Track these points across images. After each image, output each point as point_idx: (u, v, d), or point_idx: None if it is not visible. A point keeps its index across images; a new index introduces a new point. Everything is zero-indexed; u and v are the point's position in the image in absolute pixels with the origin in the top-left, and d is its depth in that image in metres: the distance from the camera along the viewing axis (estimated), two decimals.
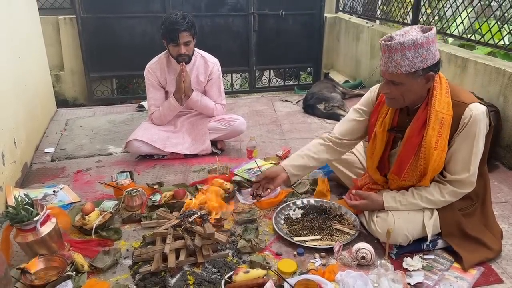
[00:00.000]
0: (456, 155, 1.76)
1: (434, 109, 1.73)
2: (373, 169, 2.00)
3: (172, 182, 2.62)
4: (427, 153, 1.75)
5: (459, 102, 1.73)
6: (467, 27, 3.44)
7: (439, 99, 1.73)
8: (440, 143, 1.73)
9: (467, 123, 1.71)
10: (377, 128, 1.93)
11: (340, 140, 2.10)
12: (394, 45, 1.61)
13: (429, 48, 1.62)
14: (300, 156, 2.11)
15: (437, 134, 1.73)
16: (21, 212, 1.74)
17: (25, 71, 3.16)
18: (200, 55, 2.98)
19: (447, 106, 1.73)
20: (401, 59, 1.62)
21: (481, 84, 2.96)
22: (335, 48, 5.91)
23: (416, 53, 1.61)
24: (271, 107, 4.21)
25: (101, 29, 4.68)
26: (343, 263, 1.84)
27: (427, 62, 1.64)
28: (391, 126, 1.90)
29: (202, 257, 1.83)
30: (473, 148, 1.73)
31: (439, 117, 1.72)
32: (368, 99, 2.04)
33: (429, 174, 1.79)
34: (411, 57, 1.61)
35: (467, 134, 1.72)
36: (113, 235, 2.05)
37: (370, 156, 2.00)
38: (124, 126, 3.64)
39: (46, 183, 2.66)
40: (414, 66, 1.63)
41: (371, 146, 1.98)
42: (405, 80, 1.68)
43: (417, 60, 1.62)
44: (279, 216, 2.18)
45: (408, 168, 1.83)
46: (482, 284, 1.73)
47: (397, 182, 1.91)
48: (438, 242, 1.91)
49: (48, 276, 1.73)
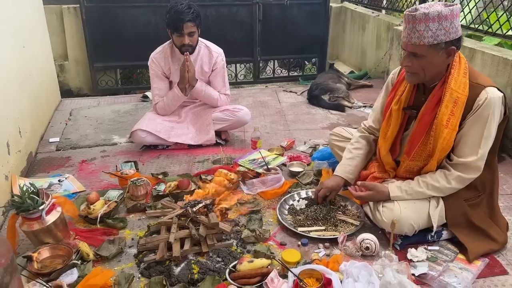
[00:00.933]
0: (466, 137, 1.75)
1: (449, 87, 1.72)
2: (385, 150, 1.98)
3: (176, 172, 2.62)
4: (437, 130, 1.75)
5: (476, 84, 1.72)
6: (474, 17, 3.38)
7: (456, 78, 1.72)
8: (451, 122, 1.73)
9: (481, 105, 1.69)
10: (392, 105, 1.93)
11: (375, 130, 2.14)
12: (419, 16, 1.61)
13: (453, 22, 1.62)
14: (351, 159, 2.12)
15: (449, 113, 1.72)
16: (27, 201, 1.75)
17: (30, 60, 3.16)
18: (205, 45, 2.96)
19: (463, 86, 1.72)
20: (425, 30, 1.62)
21: (488, 74, 2.93)
22: (340, 38, 5.86)
23: (440, 25, 1.61)
24: (276, 98, 4.19)
25: (105, 19, 4.66)
26: (347, 254, 1.84)
27: (450, 36, 1.63)
28: (406, 105, 1.90)
29: (207, 247, 1.83)
30: (484, 131, 1.72)
31: (453, 95, 1.72)
32: (388, 82, 2.06)
33: (437, 153, 1.78)
34: (434, 28, 1.61)
35: (480, 116, 1.71)
36: (118, 224, 2.05)
37: (383, 137, 1.99)
38: (129, 116, 3.64)
39: (51, 172, 2.67)
40: (436, 38, 1.63)
41: (385, 126, 1.97)
42: (427, 52, 1.67)
43: (440, 33, 1.62)
44: (283, 207, 2.18)
45: (418, 146, 1.82)
46: (487, 276, 1.73)
47: (406, 163, 1.90)
48: (443, 233, 1.91)
49: (53, 264, 1.74)
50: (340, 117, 3.65)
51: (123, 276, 1.69)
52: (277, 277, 1.62)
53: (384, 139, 1.99)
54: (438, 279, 1.68)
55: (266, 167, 2.50)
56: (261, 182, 2.35)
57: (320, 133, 3.28)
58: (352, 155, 2.12)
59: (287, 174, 2.57)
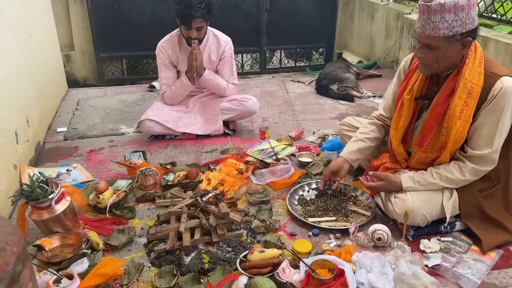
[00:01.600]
0: (481, 129, 1.71)
1: (463, 78, 1.67)
2: (397, 141, 1.95)
3: (184, 162, 2.60)
4: (450, 122, 1.71)
5: (492, 74, 1.67)
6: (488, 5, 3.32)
7: (471, 68, 1.68)
8: (464, 113, 1.68)
9: (496, 95, 1.65)
10: (404, 95, 1.88)
11: (386, 118, 2.10)
12: (434, 6, 1.56)
13: (470, 12, 1.56)
14: (355, 141, 2.09)
15: (463, 104, 1.68)
16: (36, 190, 1.74)
17: (36, 50, 3.14)
18: (213, 33, 2.92)
19: (478, 76, 1.67)
20: (440, 21, 1.56)
21: (502, 63, 2.86)
22: (348, 28, 5.79)
23: (456, 16, 1.55)
24: (283, 88, 4.15)
25: (111, 8, 4.61)
26: (359, 244, 1.82)
27: (466, 27, 1.58)
28: (419, 94, 1.86)
29: (217, 236, 1.82)
30: (499, 122, 1.67)
31: (467, 86, 1.67)
32: (400, 69, 2.01)
33: (450, 145, 1.74)
34: (450, 20, 1.56)
35: (495, 107, 1.67)
36: (127, 214, 2.05)
37: (395, 127, 1.95)
38: (136, 106, 3.62)
39: (59, 162, 2.66)
40: (452, 30, 1.57)
41: (397, 116, 1.94)
42: (442, 44, 1.62)
43: (456, 24, 1.56)
44: (293, 197, 2.16)
45: (431, 138, 1.79)
46: (502, 267, 1.70)
47: (418, 155, 1.86)
48: (456, 224, 1.88)
49: (64, 253, 1.74)
50: (349, 107, 3.60)
51: (133, 265, 1.69)
52: (288, 267, 1.60)
53: (395, 130, 1.95)
54: (451, 270, 1.66)
55: (275, 157, 2.48)
56: (271, 172, 2.33)
57: (329, 123, 3.24)
58: (356, 139, 2.10)
59: (296, 164, 2.55)
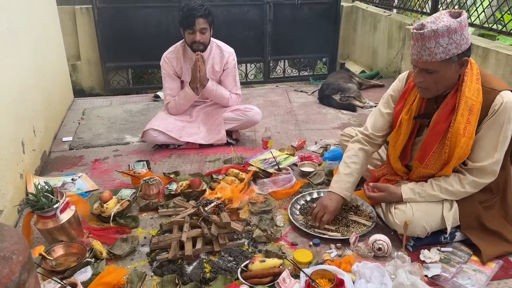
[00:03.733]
0: (481, 141, 1.73)
1: (464, 95, 1.69)
2: (395, 158, 1.96)
3: (187, 172, 2.63)
4: (454, 140, 1.72)
5: (490, 89, 1.69)
6: (488, 16, 3.34)
7: (469, 85, 1.69)
8: (468, 130, 1.70)
9: (497, 110, 1.67)
10: (403, 115, 1.88)
11: (375, 138, 2.04)
12: (427, 33, 1.58)
13: (462, 33, 1.59)
14: (349, 175, 1.99)
15: (465, 121, 1.69)
16: (42, 200, 1.78)
17: (44, 60, 3.20)
18: (216, 44, 2.97)
19: (477, 93, 1.69)
20: (435, 46, 1.59)
21: (503, 74, 2.89)
22: (351, 38, 5.83)
23: (450, 39, 1.57)
24: (286, 98, 4.18)
25: (117, 19, 4.70)
26: (360, 254, 1.83)
27: (461, 48, 1.60)
28: (417, 113, 1.87)
29: (219, 246, 1.84)
30: (500, 136, 1.69)
31: (468, 103, 1.69)
32: (397, 87, 2.00)
33: (454, 161, 1.75)
34: (445, 43, 1.58)
35: (496, 121, 1.68)
36: (130, 223, 2.07)
37: (393, 145, 1.96)
38: (141, 116, 3.67)
39: (64, 171, 2.70)
40: (448, 53, 1.59)
41: (395, 135, 1.94)
42: (440, 67, 1.64)
43: (452, 46, 1.58)
44: (295, 207, 2.18)
45: (431, 155, 1.79)
46: (501, 278, 1.71)
47: (419, 170, 1.87)
48: (456, 235, 1.89)
49: (68, 262, 1.77)
50: (351, 117, 3.63)
51: (135, 274, 1.71)
52: (289, 277, 1.62)
53: (393, 147, 1.96)
54: (451, 280, 1.67)
55: (277, 167, 2.51)
56: (273, 182, 2.35)
57: (331, 133, 3.27)
58: (350, 170, 2.00)
59: (298, 174, 2.57)
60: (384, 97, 2.06)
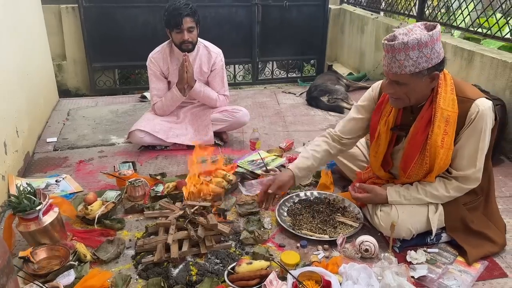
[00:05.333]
0: (462, 151, 1.74)
1: (439, 107, 1.69)
2: (377, 167, 1.98)
3: (174, 173, 2.61)
4: (433, 151, 1.73)
5: (465, 98, 1.70)
6: (473, 19, 3.39)
7: (444, 97, 1.69)
8: (446, 141, 1.71)
9: (473, 119, 1.68)
10: (380, 127, 1.89)
11: (341, 139, 2.06)
12: (398, 45, 1.56)
13: (434, 47, 1.57)
14: (306, 158, 2.03)
15: (442, 132, 1.70)
16: (24, 201, 1.73)
17: (28, 60, 3.14)
18: (203, 45, 2.95)
19: (452, 104, 1.69)
20: (405, 59, 1.57)
21: (487, 77, 2.93)
22: (339, 40, 5.86)
23: (421, 53, 1.55)
24: (274, 99, 4.18)
25: (103, 19, 4.64)
26: (347, 256, 1.83)
27: (432, 62, 1.59)
28: (394, 124, 1.87)
29: (205, 248, 1.82)
30: (479, 144, 1.70)
31: (444, 115, 1.69)
32: (370, 97, 1.99)
33: (435, 171, 1.77)
34: (415, 57, 1.56)
35: (474, 130, 1.69)
36: (116, 225, 2.04)
37: (373, 155, 1.97)
38: (127, 116, 3.63)
39: (48, 172, 2.65)
40: (418, 66, 1.58)
41: (375, 146, 1.94)
42: (409, 80, 1.63)
43: (422, 60, 1.57)
44: (282, 208, 2.17)
45: (413, 166, 1.80)
46: (486, 278, 1.72)
47: (402, 180, 1.89)
48: (442, 236, 1.90)
49: (50, 265, 1.73)
50: (339, 119, 3.63)
51: (120, 277, 1.68)
52: (276, 279, 1.61)
53: (374, 157, 1.97)
54: (437, 281, 1.68)
55: (265, 168, 2.50)
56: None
57: (318, 134, 3.25)
58: (308, 155, 2.03)
59: None
60: (356, 105, 2.06)
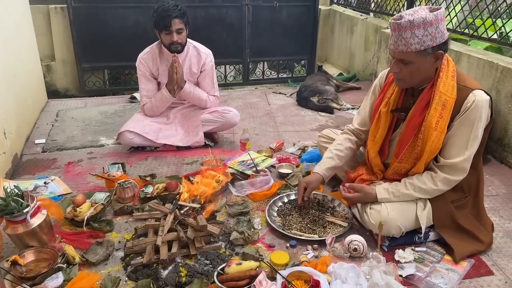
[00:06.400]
0: (453, 138, 1.77)
1: (438, 90, 1.73)
2: (374, 152, 2.00)
3: (164, 174, 2.60)
4: (426, 133, 1.76)
5: (464, 87, 1.74)
6: (460, 20, 3.43)
7: (445, 81, 1.74)
8: (440, 124, 1.74)
9: (468, 108, 1.71)
10: (381, 108, 1.93)
11: (360, 133, 2.14)
12: (404, 23, 1.62)
13: (438, 27, 1.63)
14: (330, 158, 2.12)
15: (438, 115, 1.74)
16: (11, 204, 1.72)
17: (15, 61, 3.11)
18: (193, 45, 2.95)
19: (451, 89, 1.74)
20: (411, 37, 1.63)
21: (474, 77, 2.97)
22: (329, 41, 5.90)
23: (426, 31, 1.61)
24: (265, 100, 4.19)
25: (92, 19, 4.61)
26: (336, 255, 1.85)
27: (436, 40, 1.64)
28: (395, 107, 1.91)
29: (195, 249, 1.82)
30: (470, 133, 1.73)
31: (442, 98, 1.73)
32: (375, 85, 2.07)
33: (425, 156, 1.79)
34: (420, 35, 1.62)
35: (467, 119, 1.72)
36: (105, 227, 2.03)
37: (372, 139, 2.00)
38: (116, 117, 3.61)
39: (36, 174, 2.63)
40: (423, 44, 1.64)
41: (375, 128, 1.98)
42: (415, 58, 1.68)
43: (427, 38, 1.63)
44: (272, 209, 2.18)
45: (406, 149, 1.83)
46: (473, 276, 1.75)
47: (394, 165, 1.91)
48: (430, 235, 1.93)
49: (38, 268, 1.71)
50: (328, 119, 3.66)
51: (109, 279, 1.67)
52: (265, 279, 1.61)
53: (373, 141, 1.99)
54: (425, 280, 1.70)
55: (255, 168, 2.50)
56: (250, 184, 2.35)
57: (309, 134, 3.28)
58: (332, 155, 2.13)
59: (276, 176, 2.57)
60: (366, 96, 2.15)
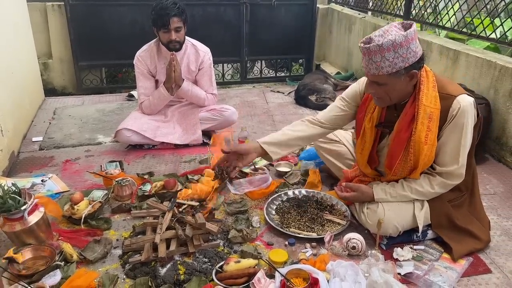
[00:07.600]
0: (445, 147, 1.77)
1: (422, 104, 1.72)
2: (363, 164, 2.00)
3: (162, 172, 2.59)
4: (417, 148, 1.75)
5: (447, 95, 1.73)
6: (459, 19, 3.43)
7: (427, 93, 1.72)
8: (429, 138, 1.73)
9: (455, 115, 1.70)
10: (365, 124, 1.91)
11: (322, 124, 2.06)
12: (373, 48, 1.59)
13: (409, 47, 1.59)
14: (280, 135, 2.04)
15: (426, 129, 1.73)
16: (8, 201, 1.71)
17: (12, 58, 3.09)
18: (191, 43, 2.94)
19: (434, 100, 1.72)
20: (381, 60, 1.60)
21: (472, 76, 2.97)
22: (327, 40, 5.89)
23: (396, 53, 1.58)
24: (263, 98, 4.19)
25: (90, 17, 4.59)
26: (334, 253, 1.85)
27: (409, 61, 1.61)
28: (378, 121, 1.90)
29: (193, 247, 1.82)
30: (461, 140, 1.73)
31: (427, 111, 1.71)
32: (355, 91, 2.01)
33: (420, 168, 1.79)
34: (391, 58, 1.58)
35: (456, 126, 1.72)
36: (102, 225, 2.02)
37: (359, 152, 1.99)
38: (114, 115, 3.60)
39: (34, 172, 2.62)
40: (395, 67, 1.60)
41: (360, 143, 1.97)
42: (388, 80, 1.66)
43: (398, 60, 1.59)
44: (271, 207, 2.17)
45: (398, 163, 1.82)
46: (471, 274, 1.75)
47: (389, 177, 1.91)
48: (428, 233, 1.93)
49: (36, 265, 1.71)
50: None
51: (107, 277, 1.67)
52: (264, 277, 1.61)
53: (361, 154, 1.99)
54: (423, 278, 1.70)
55: (253, 167, 2.50)
56: (249, 182, 2.34)
57: None
58: (282, 132, 2.05)
59: (274, 174, 2.57)
60: (340, 96, 2.08)
